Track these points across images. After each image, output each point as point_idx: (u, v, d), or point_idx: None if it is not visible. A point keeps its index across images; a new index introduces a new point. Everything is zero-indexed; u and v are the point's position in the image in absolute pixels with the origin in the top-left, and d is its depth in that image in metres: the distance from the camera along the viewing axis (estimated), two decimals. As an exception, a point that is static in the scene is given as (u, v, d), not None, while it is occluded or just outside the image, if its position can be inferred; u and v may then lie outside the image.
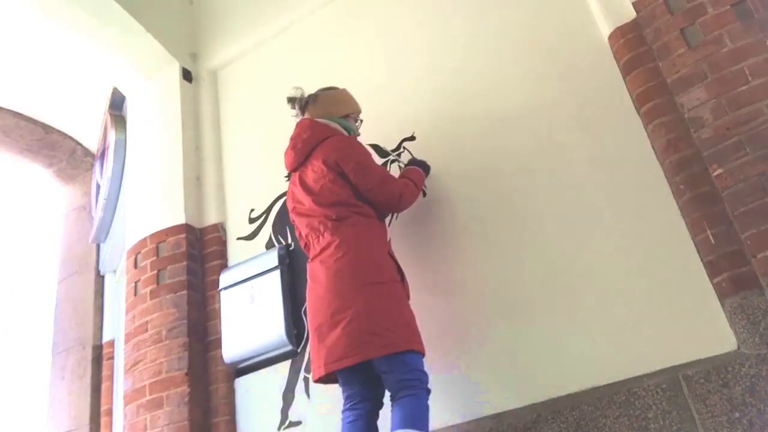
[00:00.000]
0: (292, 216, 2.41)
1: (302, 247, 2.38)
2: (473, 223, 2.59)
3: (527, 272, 2.40)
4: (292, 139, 2.41)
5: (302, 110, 2.49)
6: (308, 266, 2.27)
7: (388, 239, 2.33)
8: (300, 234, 2.38)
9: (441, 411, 2.36)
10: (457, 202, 2.65)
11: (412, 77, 3.00)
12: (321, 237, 2.21)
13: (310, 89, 3.37)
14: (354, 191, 2.24)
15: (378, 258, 2.17)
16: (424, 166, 2.60)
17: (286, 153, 2.44)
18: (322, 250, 2.19)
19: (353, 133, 2.47)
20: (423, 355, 2.10)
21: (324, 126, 2.39)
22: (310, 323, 2.17)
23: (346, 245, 2.14)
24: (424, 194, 2.66)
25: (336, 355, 2.02)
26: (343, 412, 2.15)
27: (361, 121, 2.58)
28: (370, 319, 2.01)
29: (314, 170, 2.29)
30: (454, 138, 2.77)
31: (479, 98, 2.77)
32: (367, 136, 2.98)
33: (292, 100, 2.50)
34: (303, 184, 2.32)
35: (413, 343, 2.06)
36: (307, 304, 2.24)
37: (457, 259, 2.56)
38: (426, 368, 2.43)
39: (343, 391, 2.17)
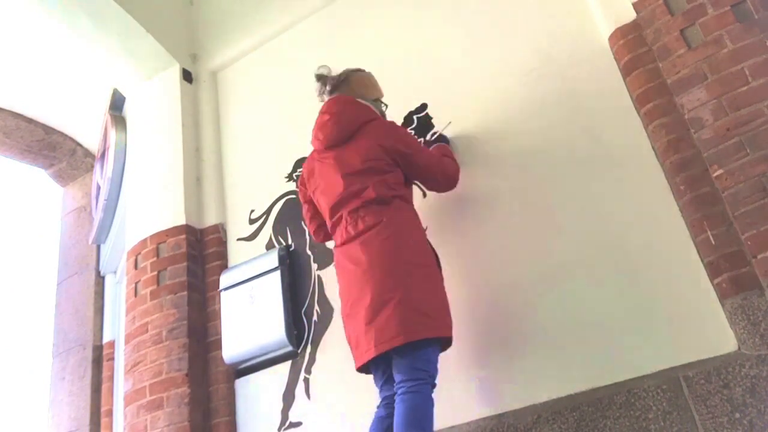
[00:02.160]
0: (316, 196, 2.34)
1: (315, 237, 2.42)
2: (471, 225, 2.59)
3: (527, 273, 2.40)
4: (333, 114, 2.30)
5: (334, 88, 2.41)
6: (340, 250, 2.21)
7: (425, 227, 2.35)
8: (317, 221, 2.38)
9: (441, 412, 2.35)
10: (455, 202, 2.65)
11: (412, 78, 3.00)
12: (361, 220, 2.14)
13: (310, 90, 3.37)
14: (400, 176, 2.23)
15: (421, 242, 2.19)
16: (444, 139, 2.66)
17: (321, 128, 2.33)
18: (364, 230, 2.12)
19: (385, 118, 2.46)
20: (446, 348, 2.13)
21: (368, 108, 2.35)
22: (347, 307, 2.12)
23: (393, 227, 2.11)
24: (424, 195, 2.68)
25: (388, 335, 1.95)
26: (379, 407, 2.11)
27: (386, 105, 2.55)
28: (421, 300, 2.00)
29: (362, 150, 2.21)
30: (454, 138, 2.77)
31: (479, 99, 2.77)
32: (367, 136, 2.99)
33: (321, 78, 2.43)
34: (343, 164, 2.23)
35: (450, 329, 2.09)
36: (340, 288, 2.19)
37: (455, 260, 2.56)
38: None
39: (378, 380, 2.14)
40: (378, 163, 2.20)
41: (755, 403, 1.86)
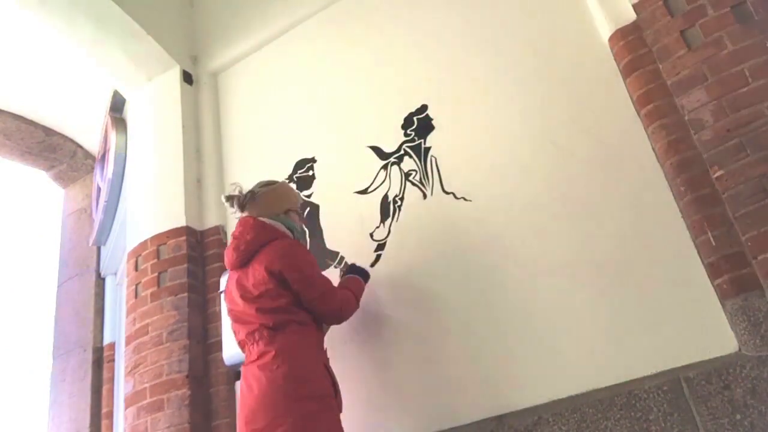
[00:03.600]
0: (229, 316, 2.33)
1: (237, 344, 2.33)
2: (472, 223, 2.59)
3: (526, 274, 2.40)
4: (235, 238, 2.32)
5: (241, 208, 2.41)
6: (242, 370, 2.22)
7: (324, 348, 2.28)
8: (235, 334, 2.32)
9: (442, 413, 2.36)
10: (454, 201, 2.65)
11: (411, 78, 3.00)
12: (256, 344, 2.14)
13: (310, 92, 3.39)
14: (294, 298, 2.18)
15: (313, 371, 2.10)
16: (364, 274, 2.57)
17: (227, 252, 2.35)
18: (258, 357, 2.12)
19: (296, 231, 2.41)
20: None
21: (268, 227, 2.32)
22: (241, 429, 2.09)
23: (282, 356, 2.07)
24: (424, 196, 2.65)
25: None
26: None
27: (301, 213, 2.54)
28: None
29: (255, 275, 2.21)
30: (454, 139, 2.77)
31: (479, 100, 2.77)
32: (367, 137, 3.00)
33: (230, 199, 2.43)
34: (241, 287, 2.24)
35: None
36: (238, 412, 2.18)
37: (454, 260, 2.56)
38: (426, 370, 2.44)
39: None
40: (268, 288, 2.17)
41: (756, 404, 1.86)
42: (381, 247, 2.77)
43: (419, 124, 2.90)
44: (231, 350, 2.89)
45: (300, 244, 2.39)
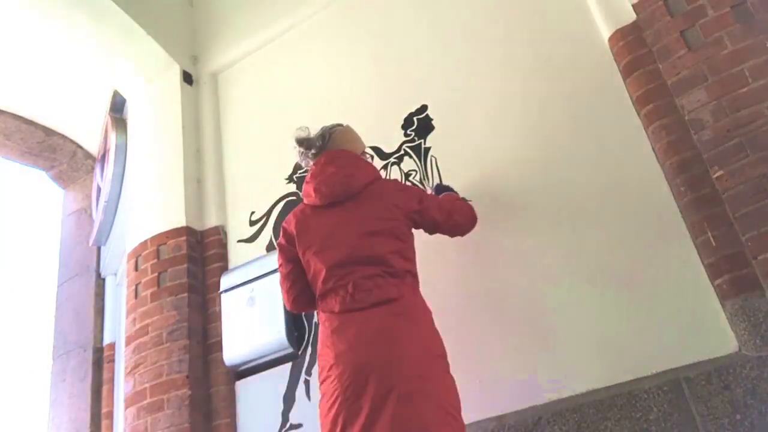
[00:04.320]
0: (307, 256, 2.04)
1: (294, 304, 2.13)
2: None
3: (527, 274, 2.40)
4: (340, 167, 2.07)
5: (319, 150, 2.18)
6: (343, 317, 1.89)
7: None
8: (298, 287, 2.10)
9: (442, 413, 2.36)
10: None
11: (412, 78, 3.00)
12: (377, 288, 1.88)
13: (310, 92, 3.39)
14: (414, 248, 2.06)
15: (435, 329, 1.96)
16: (446, 188, 2.47)
17: (325, 181, 2.06)
18: (377, 303, 1.86)
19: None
20: None
21: (369, 165, 2.19)
22: (347, 390, 1.76)
23: (410, 307, 1.90)
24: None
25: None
26: None
27: (372, 155, 2.44)
28: (446, 397, 1.80)
29: (377, 210, 2.00)
30: (454, 139, 2.77)
31: (479, 100, 2.77)
32: (367, 137, 2.99)
33: (306, 141, 2.20)
34: (358, 222, 1.99)
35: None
36: (335, 363, 1.83)
37: (455, 260, 2.56)
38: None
39: None
40: (396, 226, 1.99)
41: (756, 404, 1.86)
42: (381, 247, 2.76)
43: (419, 124, 2.90)
44: (231, 350, 2.90)
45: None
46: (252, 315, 2.89)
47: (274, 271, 2.91)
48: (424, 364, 1.80)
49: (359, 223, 1.99)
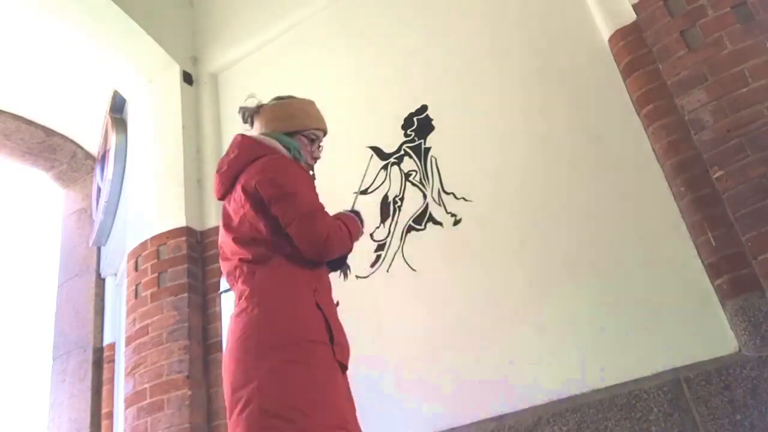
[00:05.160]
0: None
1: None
2: (472, 224, 2.59)
3: (527, 274, 2.40)
4: (222, 160, 1.90)
5: (251, 123, 2.00)
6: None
7: (318, 286, 1.72)
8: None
9: (442, 414, 2.36)
10: (454, 202, 2.65)
11: (412, 79, 3.00)
12: (236, 283, 1.71)
13: (310, 92, 3.37)
14: (277, 225, 1.70)
15: (297, 311, 1.61)
16: (360, 219, 1.98)
17: (216, 175, 1.90)
18: (236, 302, 1.69)
19: (300, 156, 1.89)
20: None
21: (257, 144, 1.85)
22: (228, 407, 1.60)
23: (258, 295, 1.63)
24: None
25: None
26: None
27: (321, 145, 2.01)
28: (274, 397, 1.48)
29: (235, 199, 1.78)
30: (454, 139, 2.77)
31: (480, 100, 2.77)
32: (367, 137, 3.00)
33: (241, 110, 2.03)
34: (225, 215, 1.81)
35: (336, 430, 1.49)
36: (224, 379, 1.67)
37: (455, 259, 2.56)
38: (427, 370, 2.43)
39: None
40: (246, 213, 1.73)
41: (756, 404, 1.86)
42: (381, 247, 2.77)
43: (419, 124, 2.90)
44: (231, 350, 2.89)
45: (293, 162, 1.83)
46: (252, 315, 2.88)
47: (274, 271, 2.91)
48: (253, 362, 1.54)
49: (226, 215, 1.81)
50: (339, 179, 3.03)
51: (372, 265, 2.74)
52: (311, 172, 1.95)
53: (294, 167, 1.81)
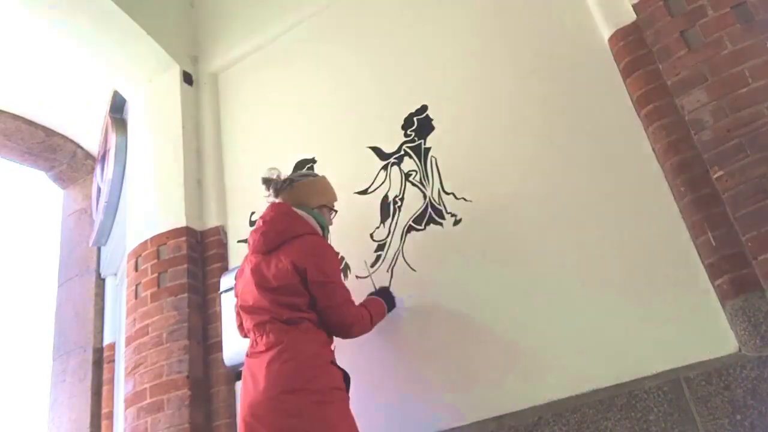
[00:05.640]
0: (237, 302, 2.29)
1: (239, 332, 2.34)
2: (472, 225, 2.59)
3: (527, 274, 2.40)
4: (265, 222, 2.24)
5: (276, 193, 2.37)
6: (246, 361, 2.15)
7: (332, 347, 2.20)
8: (240, 323, 2.30)
9: (442, 413, 2.36)
10: (454, 202, 2.65)
11: (412, 78, 3.00)
12: (266, 336, 2.08)
13: (310, 92, 3.38)
14: (311, 299, 2.13)
15: (322, 365, 2.05)
16: (389, 299, 2.49)
17: (252, 234, 2.27)
18: (266, 349, 2.05)
19: (326, 230, 2.37)
20: None
21: (301, 220, 2.25)
22: (243, 426, 2.02)
23: (292, 350, 2.02)
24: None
25: None
26: None
27: (336, 211, 2.47)
28: (321, 428, 1.92)
29: (279, 266, 2.14)
30: (454, 139, 2.77)
31: (479, 101, 2.77)
32: (367, 138, 3.00)
33: (267, 182, 2.39)
34: (260, 275, 2.17)
35: None
36: (240, 404, 2.10)
37: (455, 259, 2.56)
38: (426, 370, 2.43)
39: None
40: (290, 283, 2.11)
41: (756, 404, 1.86)
42: (381, 247, 2.77)
43: (419, 124, 2.90)
44: (231, 350, 2.90)
45: (330, 246, 2.31)
46: (252, 315, 2.88)
47: (274, 271, 2.91)
48: (294, 401, 1.93)
49: (263, 276, 2.16)
50: (339, 179, 3.04)
51: (372, 265, 2.74)
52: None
53: (333, 254, 2.26)
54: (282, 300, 2.10)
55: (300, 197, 2.33)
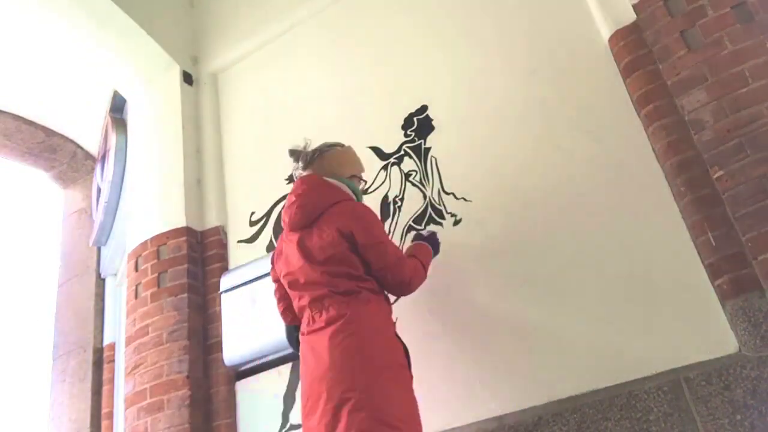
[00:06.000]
0: (283, 281, 2.18)
1: (284, 318, 2.30)
2: (472, 225, 2.59)
3: (527, 275, 2.40)
4: (298, 196, 2.14)
5: (305, 166, 2.25)
6: (304, 339, 2.05)
7: (394, 319, 2.11)
8: (285, 308, 2.26)
9: (442, 413, 2.36)
10: (454, 202, 2.65)
11: (412, 79, 3.00)
12: (325, 311, 1.98)
13: (310, 92, 3.38)
14: (364, 265, 2.03)
15: (388, 340, 1.99)
16: (434, 243, 2.37)
17: (285, 211, 2.17)
18: (326, 324, 1.96)
19: (360, 197, 2.26)
20: None
21: (335, 188, 2.16)
22: (307, 405, 1.93)
23: (356, 323, 1.93)
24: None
25: None
26: None
27: (365, 181, 2.42)
28: (384, 408, 1.81)
29: (323, 237, 2.05)
30: (455, 139, 2.77)
31: (479, 101, 2.77)
32: (367, 138, 3.00)
33: (294, 153, 2.27)
34: (305, 249, 2.07)
35: None
36: (301, 382, 2.03)
37: (455, 262, 2.56)
38: (427, 370, 2.43)
39: None
40: (338, 251, 2.02)
41: (756, 404, 1.86)
42: (381, 247, 2.76)
43: (419, 124, 2.90)
44: (231, 350, 2.90)
45: (369, 208, 2.18)
46: (252, 315, 2.89)
47: (275, 271, 2.92)
48: (360, 376, 1.85)
49: (308, 251, 2.07)
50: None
51: (372, 265, 2.73)
52: None
53: (374, 215, 2.17)
54: (335, 270, 2.01)
55: (331, 167, 2.22)
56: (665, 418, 1.97)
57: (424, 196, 2.74)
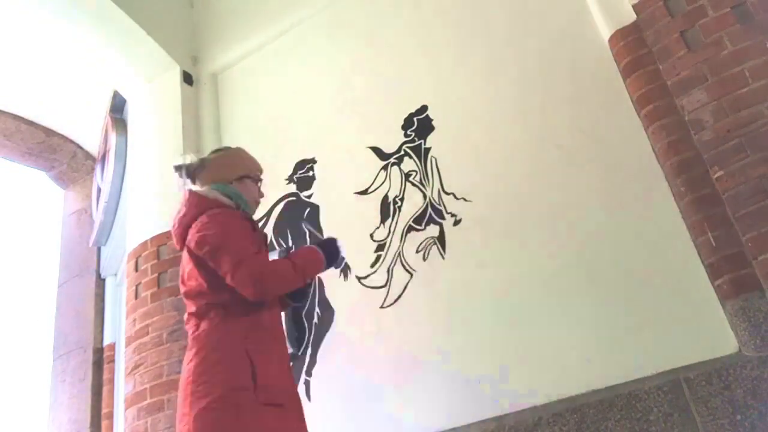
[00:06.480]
0: None
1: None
2: (472, 224, 2.59)
3: (527, 275, 2.40)
4: (179, 215, 1.96)
5: (192, 179, 2.04)
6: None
7: (251, 334, 1.79)
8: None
9: (442, 414, 2.36)
10: (454, 202, 2.65)
11: (412, 79, 3.00)
12: (189, 332, 1.86)
13: (310, 92, 3.38)
14: (214, 278, 1.80)
15: (223, 361, 1.72)
16: (331, 250, 2.05)
17: (173, 229, 2.00)
18: (189, 348, 1.82)
19: (242, 201, 1.98)
20: None
21: (201, 199, 1.93)
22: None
23: (197, 347, 1.76)
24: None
25: None
26: None
27: (261, 180, 2.11)
28: None
29: (183, 256, 1.91)
30: (454, 139, 2.77)
31: (480, 101, 2.77)
32: (367, 138, 3.00)
33: (178, 168, 2.05)
34: (181, 269, 1.94)
35: None
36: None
37: (456, 260, 2.56)
38: (427, 370, 2.44)
39: None
40: (190, 269, 1.86)
41: (756, 404, 1.86)
42: (381, 247, 2.77)
43: (419, 124, 2.90)
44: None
45: (229, 214, 1.90)
46: (252, 315, 2.88)
47: (275, 271, 2.91)
48: (185, 410, 1.68)
49: (183, 269, 1.93)
50: (339, 179, 3.04)
51: (372, 266, 2.73)
52: (252, 220, 2.01)
53: (225, 220, 1.88)
54: (192, 291, 1.85)
55: (216, 175, 2.01)
56: (665, 418, 1.97)
57: (424, 196, 2.74)
